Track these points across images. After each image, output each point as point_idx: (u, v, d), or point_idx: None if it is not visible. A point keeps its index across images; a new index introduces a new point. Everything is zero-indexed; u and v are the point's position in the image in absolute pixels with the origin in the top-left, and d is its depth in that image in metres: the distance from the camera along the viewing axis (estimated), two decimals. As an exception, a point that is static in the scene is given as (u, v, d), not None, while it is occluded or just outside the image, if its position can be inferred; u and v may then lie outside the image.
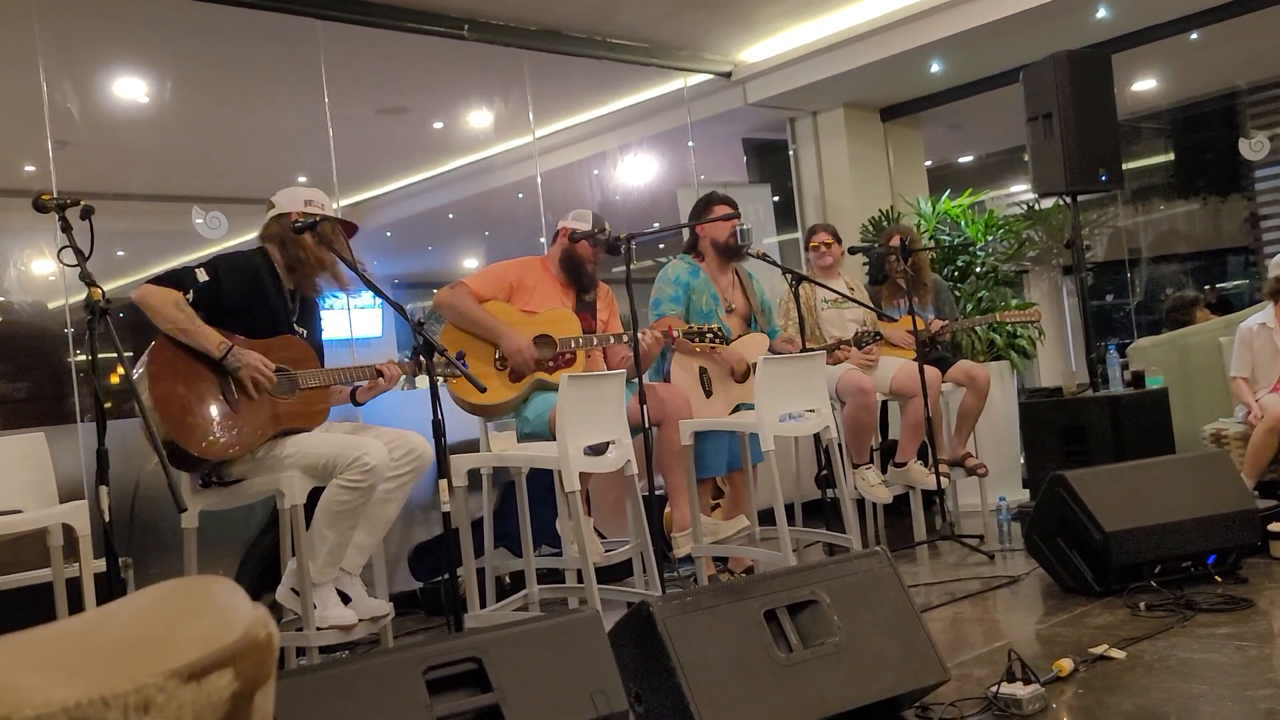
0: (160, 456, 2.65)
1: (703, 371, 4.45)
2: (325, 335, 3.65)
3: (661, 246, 8.09)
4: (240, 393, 3.17)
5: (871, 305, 5.20)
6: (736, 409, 4.43)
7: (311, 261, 3.38)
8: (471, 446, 4.08)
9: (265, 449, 3.20)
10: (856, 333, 4.80)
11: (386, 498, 3.28)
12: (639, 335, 3.85)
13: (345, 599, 3.28)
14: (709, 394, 4.40)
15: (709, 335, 4.10)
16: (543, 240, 6.23)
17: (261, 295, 3.34)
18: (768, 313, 4.79)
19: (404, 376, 3.53)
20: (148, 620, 0.94)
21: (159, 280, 3.19)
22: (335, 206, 3.51)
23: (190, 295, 3.18)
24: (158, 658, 0.80)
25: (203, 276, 3.22)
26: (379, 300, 3.29)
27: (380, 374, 3.42)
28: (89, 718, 0.73)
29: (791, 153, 7.44)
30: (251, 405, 3.18)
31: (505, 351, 3.91)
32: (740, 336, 4.53)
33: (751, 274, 4.81)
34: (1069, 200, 5.31)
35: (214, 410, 3.13)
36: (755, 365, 4.44)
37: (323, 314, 3.64)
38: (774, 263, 4.69)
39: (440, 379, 3.16)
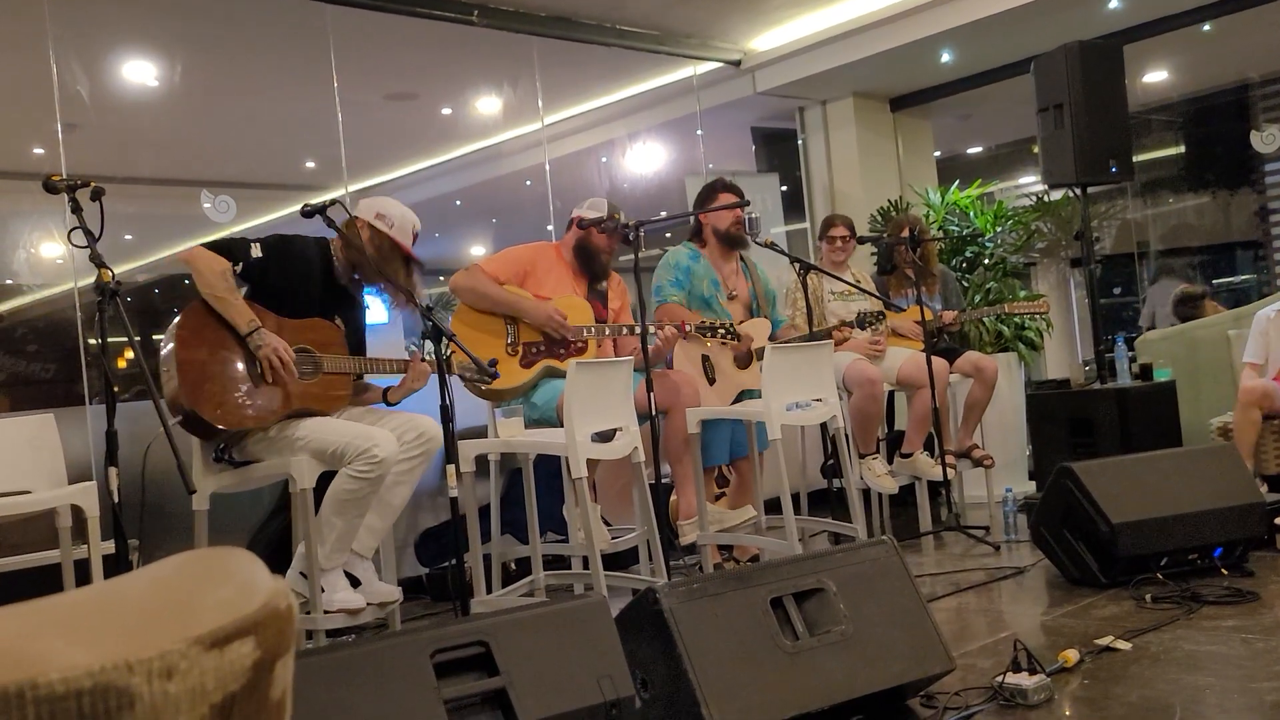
0: (169, 438, 2.66)
1: (705, 359, 4.45)
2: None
3: (669, 235, 8.08)
4: (262, 369, 3.21)
5: (879, 295, 5.20)
6: (739, 398, 4.43)
7: (370, 272, 3.45)
8: (479, 432, 4.08)
9: (278, 428, 3.22)
10: (860, 313, 4.71)
11: (398, 481, 3.30)
12: (653, 333, 3.85)
13: (355, 582, 3.30)
14: (712, 381, 4.40)
15: (721, 330, 4.09)
16: (550, 228, 6.23)
17: (306, 282, 3.40)
18: (771, 300, 4.78)
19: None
20: (168, 588, 0.95)
21: (213, 245, 3.27)
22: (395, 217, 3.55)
23: (239, 268, 3.24)
24: (180, 625, 0.81)
25: (256, 253, 3.29)
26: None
27: (406, 369, 3.45)
28: (113, 682, 0.74)
29: (800, 142, 7.42)
30: (271, 382, 3.21)
31: (534, 322, 3.91)
32: (742, 322, 4.52)
33: (757, 262, 4.80)
34: (1078, 192, 5.29)
35: (234, 381, 3.18)
36: (759, 351, 4.45)
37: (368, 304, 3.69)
38: (782, 252, 4.68)
39: (450, 366, 3.19)
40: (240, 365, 3.20)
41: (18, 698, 0.72)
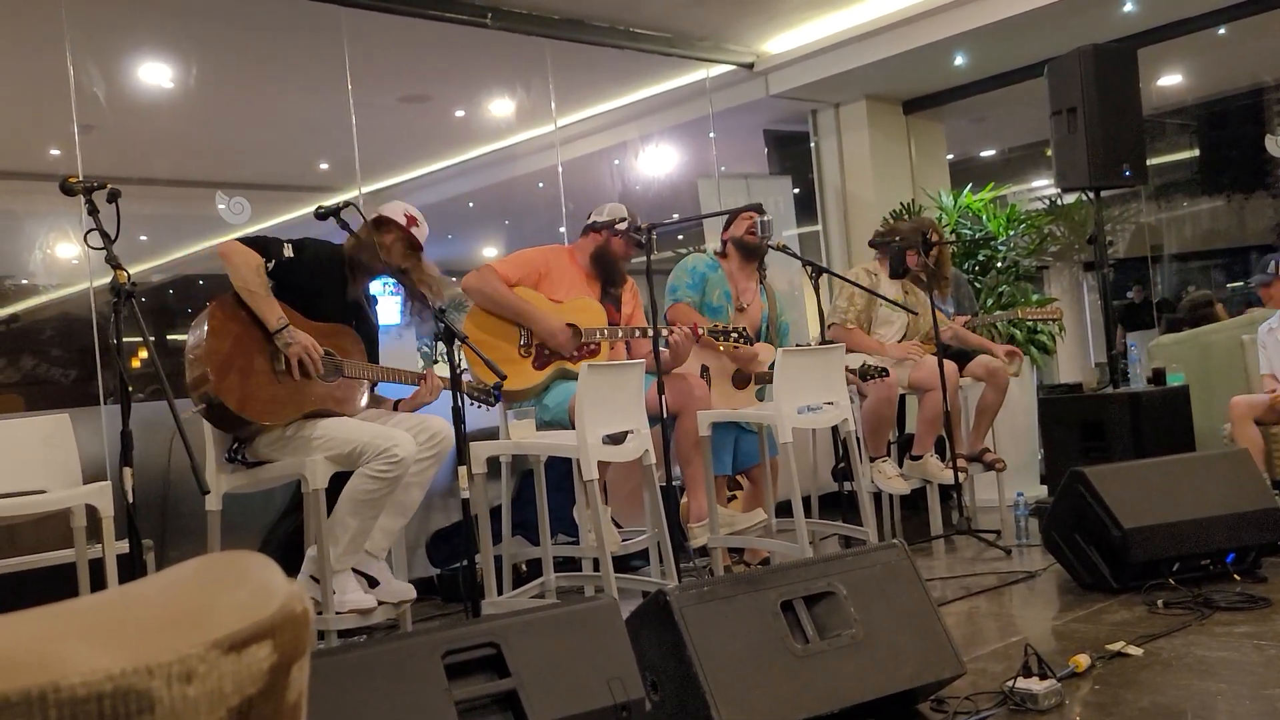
0: (183, 438, 2.67)
1: (704, 369, 4.46)
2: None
3: (680, 238, 8.10)
4: (286, 366, 3.24)
5: (893, 301, 5.18)
6: None
7: (375, 267, 3.48)
8: (491, 434, 4.10)
9: (295, 428, 3.24)
10: (864, 365, 4.66)
11: (412, 482, 3.32)
12: (667, 335, 3.86)
13: (373, 582, 3.33)
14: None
15: (734, 335, 4.10)
16: (562, 230, 6.24)
17: (329, 286, 3.45)
18: (783, 332, 4.80)
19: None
20: (185, 593, 0.96)
21: (248, 240, 3.33)
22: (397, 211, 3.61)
23: (270, 264, 3.29)
24: (198, 629, 0.82)
25: (288, 252, 3.35)
26: (395, 285, 3.39)
27: (420, 381, 3.52)
28: (134, 686, 0.75)
29: (813, 145, 7.41)
30: (293, 380, 3.25)
31: (541, 335, 3.92)
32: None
33: (779, 294, 4.83)
34: (1092, 195, 5.28)
35: (255, 375, 3.22)
36: (758, 376, 4.47)
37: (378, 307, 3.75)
38: (794, 254, 4.68)
39: (467, 380, 3.23)
40: (263, 360, 3.24)
41: (39, 700, 0.73)
